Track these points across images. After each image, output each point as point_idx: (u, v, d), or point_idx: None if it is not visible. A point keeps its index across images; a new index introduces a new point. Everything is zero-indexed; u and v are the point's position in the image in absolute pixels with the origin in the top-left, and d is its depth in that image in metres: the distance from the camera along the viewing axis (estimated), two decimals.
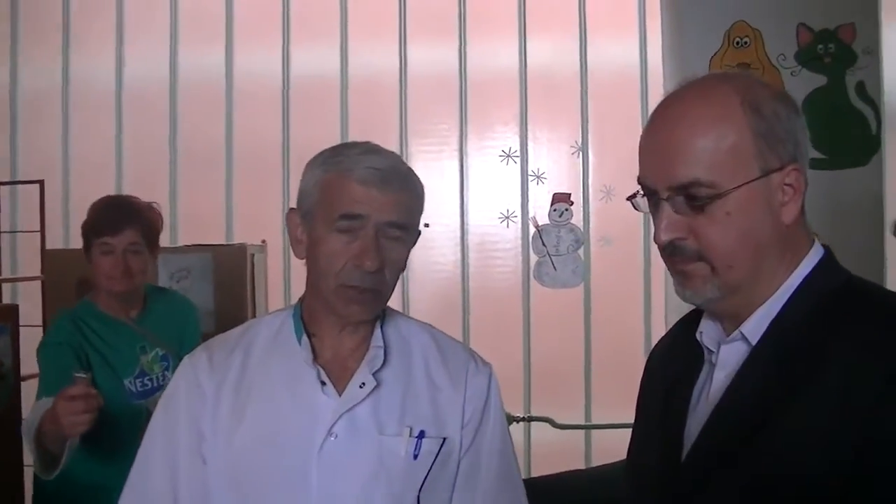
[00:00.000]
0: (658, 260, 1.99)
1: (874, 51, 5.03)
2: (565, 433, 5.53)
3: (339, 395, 2.53)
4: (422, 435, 2.55)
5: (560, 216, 5.64)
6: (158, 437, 2.65)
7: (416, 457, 2.54)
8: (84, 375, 3.19)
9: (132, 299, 4.08)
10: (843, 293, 1.92)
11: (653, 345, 2.33)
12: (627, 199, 2.04)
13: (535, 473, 5.45)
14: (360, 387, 2.54)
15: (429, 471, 2.55)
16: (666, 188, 1.90)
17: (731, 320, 1.98)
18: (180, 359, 3.78)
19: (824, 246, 2.00)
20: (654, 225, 1.93)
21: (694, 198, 1.87)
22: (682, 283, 1.96)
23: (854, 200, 4.92)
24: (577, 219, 5.66)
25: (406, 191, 2.50)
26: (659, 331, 5.27)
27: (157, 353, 4.08)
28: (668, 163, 1.90)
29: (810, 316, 1.89)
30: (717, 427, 1.92)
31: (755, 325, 1.93)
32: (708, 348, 2.03)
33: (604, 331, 5.63)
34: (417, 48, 5.92)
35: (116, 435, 3.48)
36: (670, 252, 1.93)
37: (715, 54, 5.01)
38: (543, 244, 5.63)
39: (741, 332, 1.94)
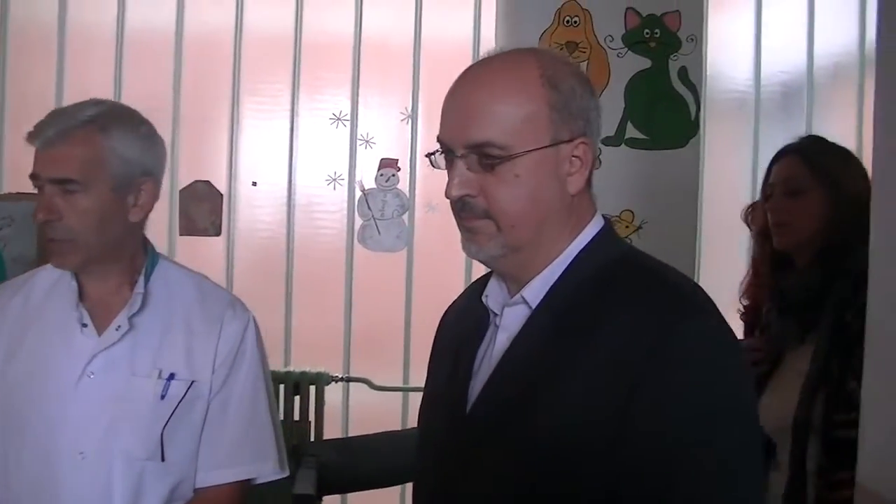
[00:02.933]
0: None
1: (697, 39, 5.17)
2: (383, 395, 5.60)
3: (99, 337, 2.69)
4: (171, 377, 2.72)
5: (387, 181, 5.68)
6: None
7: (162, 397, 2.70)
8: None
9: None
10: (619, 264, 2.02)
11: None
12: (426, 155, 2.12)
13: (352, 433, 5.52)
14: (117, 329, 2.70)
15: (173, 411, 2.70)
16: (462, 146, 1.99)
17: (515, 283, 2.07)
18: None
19: (605, 219, 2.10)
20: (448, 181, 2.01)
21: (487, 157, 1.96)
22: (469, 239, 2.05)
23: (673, 180, 5.07)
24: (403, 184, 5.72)
25: (66, 144, 2.64)
26: None
27: None
28: (466, 123, 1.99)
29: (586, 284, 1.99)
30: (496, 388, 2.01)
31: (536, 290, 2.02)
32: (493, 310, 2.12)
33: (425, 296, 5.68)
34: (254, 7, 5.89)
35: None
36: (460, 208, 2.02)
37: (545, 31, 5.10)
38: (369, 208, 5.67)
39: (522, 296, 2.03)
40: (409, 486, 4.95)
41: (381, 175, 5.68)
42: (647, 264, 2.05)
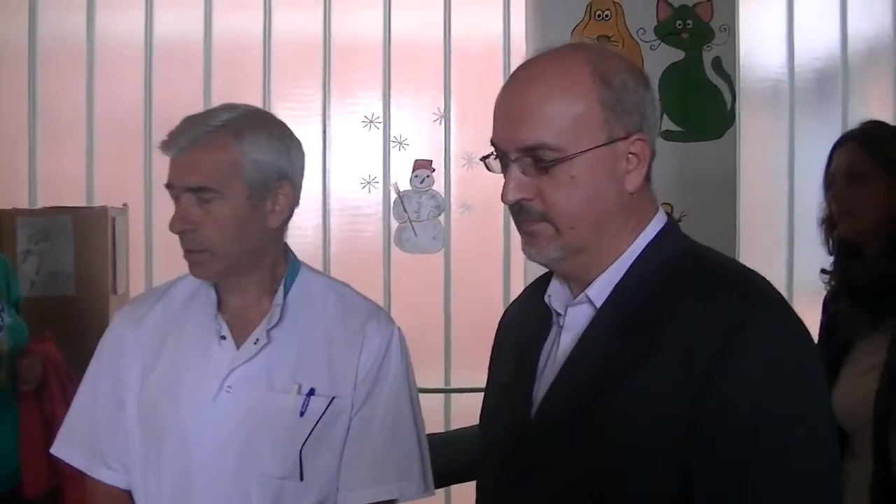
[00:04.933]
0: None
1: (730, 29, 5.13)
2: (425, 397, 5.53)
3: (237, 350, 2.62)
4: (311, 392, 2.61)
5: (421, 182, 5.67)
6: (87, 385, 2.81)
7: (302, 413, 2.60)
8: None
9: None
10: (685, 260, 1.99)
11: None
12: (481, 159, 2.08)
13: None
14: (255, 343, 2.61)
15: (313, 428, 2.60)
16: (515, 150, 1.94)
17: (577, 283, 2.04)
18: (10, 303, 3.98)
19: (668, 215, 2.07)
20: (504, 185, 1.98)
21: (540, 160, 1.92)
22: (528, 243, 2.01)
23: (709, 172, 5.03)
24: (438, 185, 5.70)
25: (199, 151, 2.54)
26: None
27: None
28: (517, 126, 1.94)
29: (652, 282, 1.95)
30: (562, 390, 1.97)
31: (600, 289, 1.99)
32: (556, 311, 2.09)
33: (464, 296, 5.68)
34: (282, 12, 5.89)
35: None
36: (517, 212, 1.98)
37: (577, 26, 5.07)
38: (405, 210, 5.66)
39: (587, 296, 1.99)
40: (455, 487, 4.99)
41: (416, 176, 5.67)
42: (714, 259, 2.01)
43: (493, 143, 2.01)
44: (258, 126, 2.63)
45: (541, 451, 1.98)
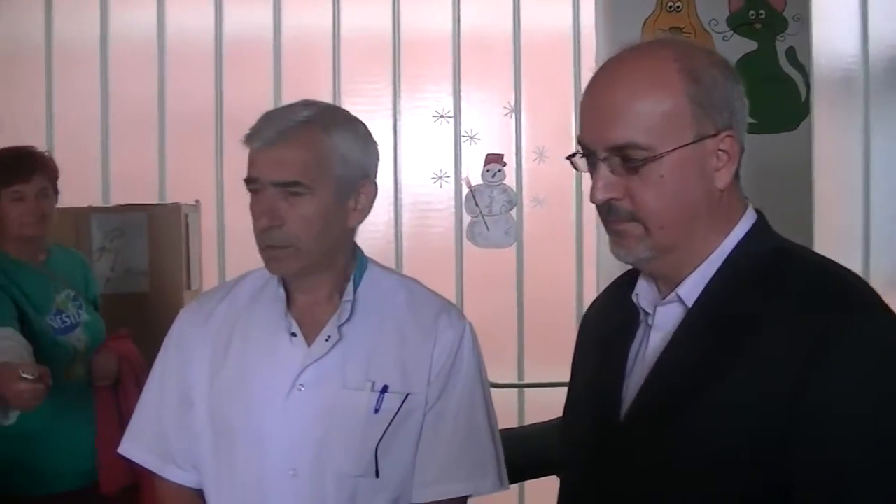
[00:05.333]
0: (590, 220, 2.03)
1: (804, 18, 5.09)
2: (498, 392, 5.53)
3: (308, 347, 2.59)
4: (385, 389, 2.58)
5: (493, 177, 5.66)
6: (153, 383, 2.80)
7: (376, 411, 2.57)
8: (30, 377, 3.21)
9: (41, 244, 4.28)
10: (778, 258, 1.96)
11: (584, 305, 2.37)
12: (567, 157, 2.06)
13: None
14: (326, 340, 2.58)
15: (388, 426, 2.58)
16: (603, 149, 1.93)
17: (666, 282, 2.02)
18: (88, 300, 4.21)
19: (758, 211, 2.04)
20: (592, 184, 1.96)
21: (629, 159, 1.90)
22: (617, 243, 1.99)
23: (783, 164, 4.99)
24: (509, 179, 5.69)
25: (288, 145, 2.50)
26: (590, 290, 5.32)
27: (69, 294, 4.26)
28: (605, 124, 1.93)
29: (744, 280, 1.93)
30: (654, 389, 1.95)
31: (690, 288, 1.96)
32: (644, 310, 2.07)
33: (536, 291, 5.66)
34: (350, 7, 5.90)
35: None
36: (606, 212, 1.97)
37: (648, 18, 5.05)
38: (476, 204, 5.66)
39: (677, 295, 1.97)
40: (529, 482, 4.97)
41: (487, 171, 5.67)
42: (808, 257, 1.99)
43: (579, 142, 1.99)
44: (345, 123, 2.61)
45: (631, 450, 1.96)
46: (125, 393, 4.20)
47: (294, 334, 2.60)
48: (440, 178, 5.71)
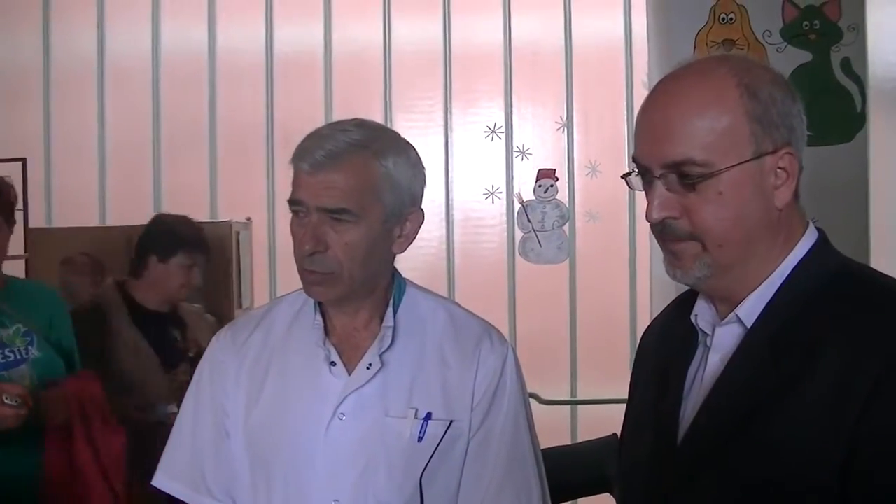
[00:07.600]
0: (643, 236, 1.99)
1: (859, 28, 5.02)
2: (551, 408, 5.53)
3: (349, 375, 2.54)
4: (428, 417, 2.53)
5: (545, 192, 5.63)
6: (186, 413, 2.73)
7: (420, 439, 2.52)
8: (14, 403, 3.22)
9: None
10: (839, 278, 1.92)
11: (637, 320, 2.33)
12: (622, 176, 2.03)
13: None
14: (367, 368, 2.53)
15: (433, 454, 2.53)
16: (659, 166, 1.90)
17: (724, 303, 1.98)
18: (47, 338, 4.06)
19: (819, 230, 2.00)
20: (647, 203, 1.93)
21: (686, 176, 1.88)
22: (673, 263, 1.96)
23: (838, 177, 4.92)
24: (562, 195, 5.66)
25: (337, 170, 2.41)
26: (644, 307, 5.30)
27: (19, 329, 4.07)
28: (661, 141, 1.90)
29: (805, 301, 1.89)
30: (712, 412, 1.92)
31: (750, 308, 1.93)
32: (703, 330, 2.03)
33: (589, 307, 5.63)
34: (402, 23, 5.90)
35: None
36: (661, 230, 1.93)
37: (700, 30, 4.99)
38: (528, 220, 5.63)
39: (736, 315, 1.94)
40: (581, 501, 4.93)
41: (540, 186, 5.64)
42: (871, 277, 1.95)
43: (634, 160, 1.96)
44: (397, 148, 2.52)
45: (690, 473, 1.93)
46: (78, 435, 4.05)
47: (333, 363, 2.54)
48: (492, 193, 5.70)
